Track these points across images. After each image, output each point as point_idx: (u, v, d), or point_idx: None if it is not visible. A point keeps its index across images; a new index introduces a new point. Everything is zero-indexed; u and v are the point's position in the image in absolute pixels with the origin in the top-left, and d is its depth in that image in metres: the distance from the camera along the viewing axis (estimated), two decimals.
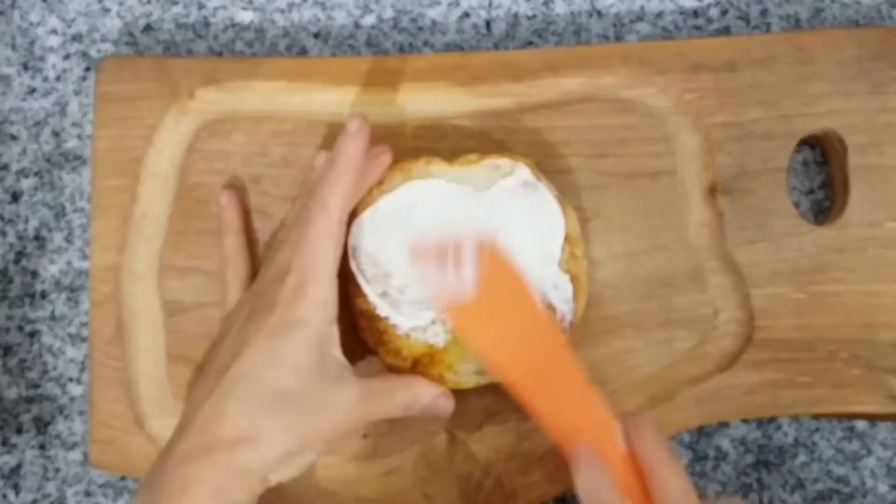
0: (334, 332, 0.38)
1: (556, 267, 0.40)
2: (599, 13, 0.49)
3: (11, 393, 0.47)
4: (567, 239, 0.41)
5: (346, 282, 0.40)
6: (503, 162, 0.41)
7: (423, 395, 0.40)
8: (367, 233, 0.40)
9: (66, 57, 0.49)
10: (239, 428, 0.35)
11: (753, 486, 0.46)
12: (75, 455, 0.47)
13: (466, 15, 0.49)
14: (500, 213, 0.40)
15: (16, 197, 0.49)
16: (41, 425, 0.47)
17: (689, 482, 0.35)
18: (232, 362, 0.36)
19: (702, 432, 0.47)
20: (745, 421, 0.47)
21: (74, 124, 0.49)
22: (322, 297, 0.37)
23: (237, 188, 0.45)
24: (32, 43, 0.49)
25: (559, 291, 0.40)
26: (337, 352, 0.38)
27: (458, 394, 0.43)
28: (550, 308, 0.40)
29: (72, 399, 0.47)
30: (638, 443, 0.36)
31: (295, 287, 0.37)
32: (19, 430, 0.47)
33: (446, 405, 0.41)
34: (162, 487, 0.34)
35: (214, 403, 0.35)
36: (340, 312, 0.38)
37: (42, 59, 0.49)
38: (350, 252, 0.40)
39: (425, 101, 0.45)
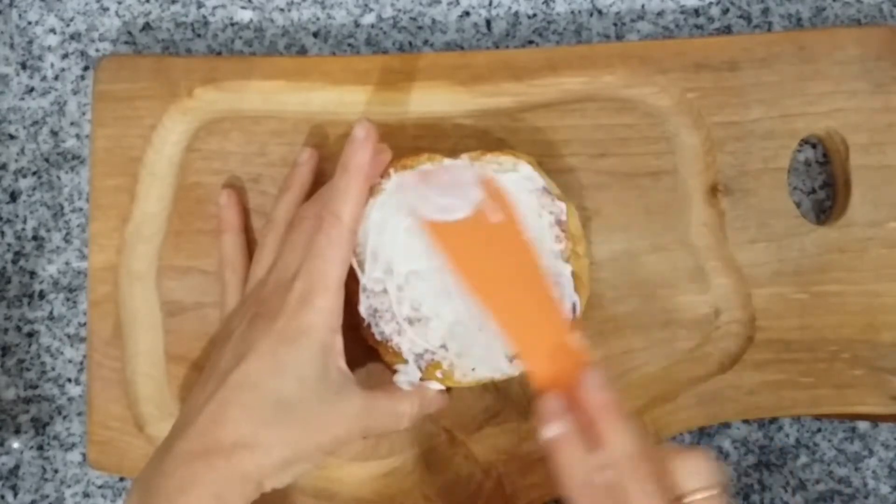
0: (338, 342, 0.37)
1: (557, 263, 0.40)
2: (600, 12, 0.49)
3: (10, 393, 0.47)
4: (569, 236, 0.41)
5: (349, 279, 0.40)
6: (505, 159, 0.41)
7: (424, 402, 0.40)
8: (368, 229, 0.40)
9: (65, 56, 0.49)
10: (239, 434, 0.35)
11: (755, 486, 0.46)
12: (74, 456, 0.47)
13: (466, 14, 0.49)
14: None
15: (14, 197, 0.48)
16: (39, 426, 0.47)
17: (639, 438, 0.34)
18: (234, 367, 0.36)
19: (703, 433, 0.47)
20: (746, 421, 0.47)
21: (73, 124, 0.49)
22: (328, 306, 0.37)
23: (236, 188, 0.45)
24: (31, 42, 0.49)
25: (560, 288, 0.40)
26: (341, 362, 0.37)
27: (459, 394, 0.43)
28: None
29: (70, 399, 0.47)
30: (586, 395, 0.35)
31: (301, 295, 0.37)
32: (17, 431, 0.47)
33: (443, 402, 0.41)
34: (159, 487, 0.34)
35: (216, 408, 0.35)
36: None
37: (40, 58, 0.49)
38: None
39: (425, 100, 0.45)
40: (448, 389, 0.41)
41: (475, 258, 0.39)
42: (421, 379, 0.40)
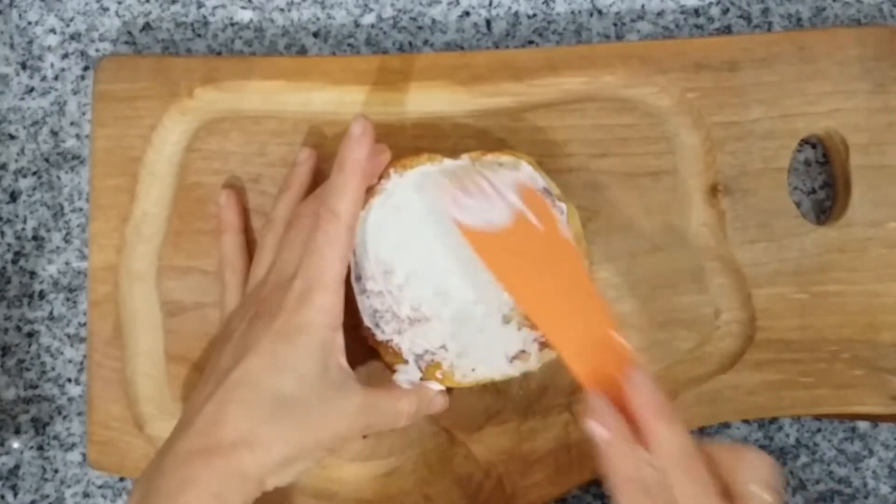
0: (339, 340, 0.37)
1: None
2: (600, 12, 0.49)
3: (10, 393, 0.47)
4: (569, 236, 0.41)
5: (349, 279, 0.40)
6: (506, 159, 0.41)
7: (424, 401, 0.40)
8: (367, 230, 0.40)
9: (65, 56, 0.49)
10: (239, 432, 0.35)
11: None
12: (74, 456, 0.47)
13: (466, 14, 0.49)
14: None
15: (14, 197, 0.48)
16: (39, 426, 0.47)
17: (684, 437, 0.34)
18: (234, 365, 0.36)
19: (703, 433, 0.47)
20: (746, 422, 0.47)
21: (73, 124, 0.49)
22: (327, 303, 0.37)
23: (236, 188, 0.45)
24: (31, 42, 0.49)
25: None
26: (341, 359, 0.37)
27: (459, 394, 0.43)
28: None
29: (70, 400, 0.47)
30: (632, 394, 0.35)
31: (301, 293, 0.37)
32: (17, 431, 0.47)
33: (443, 403, 0.41)
34: (158, 487, 0.34)
35: (215, 406, 0.35)
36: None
37: (40, 58, 0.49)
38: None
39: (425, 100, 0.45)
40: (448, 390, 0.41)
41: (516, 265, 0.39)
42: (421, 379, 0.40)
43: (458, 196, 0.39)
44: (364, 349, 0.41)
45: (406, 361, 0.40)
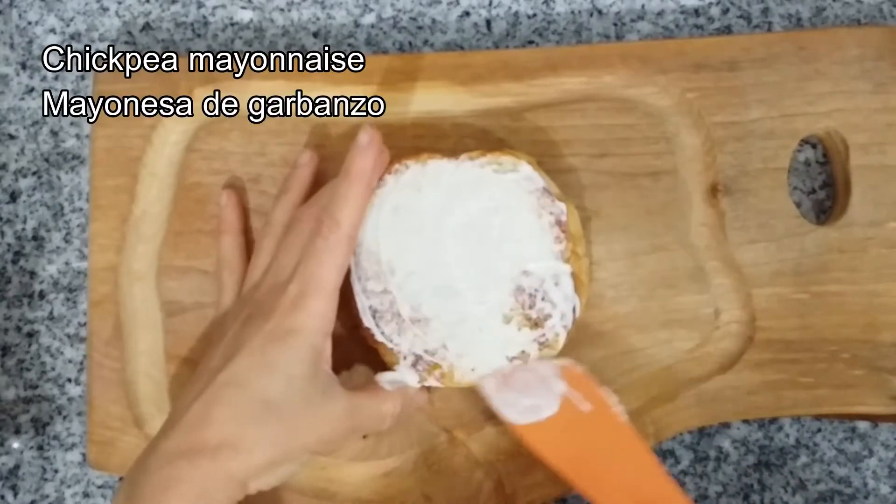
0: (327, 346, 0.38)
1: (557, 263, 0.40)
2: (600, 12, 0.49)
3: (10, 393, 0.47)
4: (569, 236, 0.41)
5: (349, 279, 0.40)
6: (506, 159, 0.41)
7: (407, 401, 0.40)
8: (367, 230, 0.40)
9: (65, 56, 0.49)
10: (224, 433, 0.35)
11: (755, 486, 0.46)
12: (74, 456, 0.47)
13: (466, 14, 0.49)
14: (501, 209, 0.40)
15: (14, 197, 0.48)
16: (39, 426, 0.47)
17: None
18: (223, 366, 0.36)
19: (703, 433, 0.47)
20: (746, 421, 0.47)
21: (73, 124, 0.49)
22: (321, 309, 0.37)
23: (236, 188, 0.45)
24: (31, 42, 0.49)
25: (560, 288, 0.40)
26: (327, 366, 0.38)
27: (459, 394, 0.43)
28: (549, 309, 0.40)
29: (70, 400, 0.47)
30: None
31: (295, 297, 0.37)
32: (17, 431, 0.47)
33: (423, 399, 0.42)
34: (143, 486, 0.34)
35: (202, 406, 0.35)
36: (341, 310, 0.38)
37: (40, 58, 0.49)
38: None
39: (425, 100, 0.45)
40: (429, 390, 0.42)
41: (573, 451, 0.39)
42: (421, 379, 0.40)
43: (507, 396, 0.39)
44: (364, 349, 0.41)
45: (405, 359, 0.40)
